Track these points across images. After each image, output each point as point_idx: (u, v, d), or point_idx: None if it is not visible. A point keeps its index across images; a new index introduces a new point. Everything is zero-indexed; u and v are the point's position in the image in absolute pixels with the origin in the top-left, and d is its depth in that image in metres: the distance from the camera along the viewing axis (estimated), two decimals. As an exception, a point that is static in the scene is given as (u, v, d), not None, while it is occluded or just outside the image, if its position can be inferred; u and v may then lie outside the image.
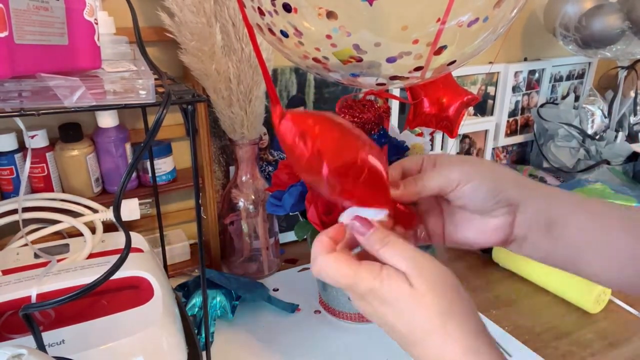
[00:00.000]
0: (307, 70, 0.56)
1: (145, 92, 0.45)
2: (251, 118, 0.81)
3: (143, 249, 0.65)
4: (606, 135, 1.29)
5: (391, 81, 0.54)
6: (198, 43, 0.72)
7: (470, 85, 1.22)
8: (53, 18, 0.43)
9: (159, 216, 0.76)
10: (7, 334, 0.51)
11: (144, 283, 0.59)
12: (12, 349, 0.32)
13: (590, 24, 1.11)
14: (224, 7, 0.73)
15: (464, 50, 0.50)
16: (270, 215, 0.91)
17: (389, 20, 0.44)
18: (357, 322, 0.77)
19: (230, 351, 0.72)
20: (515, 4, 0.47)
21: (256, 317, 0.79)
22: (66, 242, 0.66)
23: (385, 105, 0.65)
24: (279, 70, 0.94)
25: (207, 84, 0.77)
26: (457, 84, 0.75)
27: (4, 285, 0.54)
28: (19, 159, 0.72)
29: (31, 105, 0.41)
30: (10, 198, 0.71)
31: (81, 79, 0.43)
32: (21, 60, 0.40)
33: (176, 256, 0.89)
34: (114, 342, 0.50)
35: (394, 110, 1.09)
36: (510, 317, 0.81)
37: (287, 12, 0.46)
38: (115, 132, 0.76)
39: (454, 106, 0.72)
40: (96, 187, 0.77)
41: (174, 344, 0.54)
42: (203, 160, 0.84)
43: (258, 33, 0.55)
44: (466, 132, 1.25)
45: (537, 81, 1.34)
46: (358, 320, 0.77)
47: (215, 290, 0.78)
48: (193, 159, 0.51)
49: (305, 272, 0.93)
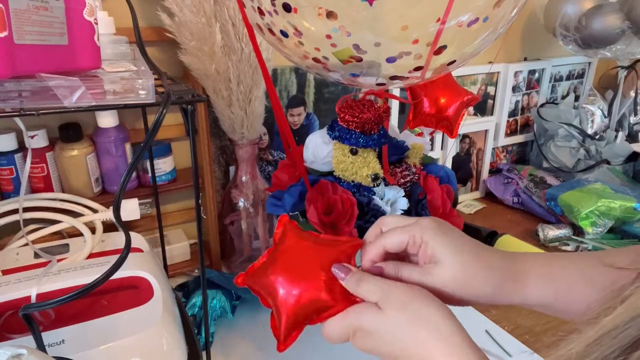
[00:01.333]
0: (307, 70, 0.56)
1: (145, 92, 0.45)
2: (251, 118, 0.81)
3: (143, 249, 0.65)
4: (606, 135, 1.29)
5: (391, 81, 0.54)
6: (198, 43, 0.72)
7: (470, 85, 1.22)
8: (53, 18, 0.43)
9: (159, 216, 0.76)
10: (7, 334, 0.51)
11: (143, 283, 0.59)
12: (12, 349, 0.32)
13: (590, 24, 1.11)
14: (223, 7, 0.73)
15: (464, 50, 0.50)
16: (270, 215, 0.91)
17: (389, 20, 0.44)
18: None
19: (230, 351, 0.72)
20: (515, 4, 0.47)
21: (256, 317, 0.79)
22: (66, 242, 0.66)
23: (385, 105, 0.65)
24: (279, 70, 0.94)
25: (207, 84, 0.77)
26: (457, 84, 0.75)
27: (4, 285, 0.54)
28: (19, 159, 0.72)
29: (31, 105, 0.41)
30: (11, 198, 0.71)
31: (81, 79, 0.42)
32: (21, 60, 0.40)
33: (176, 256, 0.89)
34: (114, 342, 0.50)
35: (394, 110, 1.09)
36: (510, 317, 0.81)
37: (287, 12, 0.46)
38: (115, 132, 0.76)
39: (453, 106, 0.72)
40: (96, 187, 0.77)
41: (174, 344, 0.54)
42: (203, 160, 0.84)
43: (258, 33, 0.55)
44: (466, 132, 1.25)
45: (537, 81, 1.34)
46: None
47: (215, 290, 0.78)
48: (193, 159, 0.51)
49: (305, 272, 0.93)
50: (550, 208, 1.13)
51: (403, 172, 0.68)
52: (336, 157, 0.65)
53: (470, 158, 1.30)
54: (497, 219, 1.19)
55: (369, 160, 0.64)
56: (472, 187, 1.33)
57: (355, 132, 0.63)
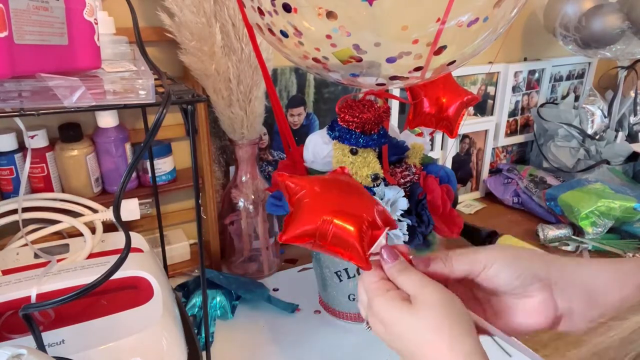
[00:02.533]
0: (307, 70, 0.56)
1: (145, 92, 0.45)
2: (251, 118, 0.81)
3: (143, 249, 0.65)
4: (606, 135, 1.29)
5: (391, 81, 0.54)
6: (198, 43, 0.72)
7: (470, 85, 1.22)
8: (53, 18, 0.43)
9: (159, 216, 0.76)
10: (7, 334, 0.51)
11: (143, 283, 0.59)
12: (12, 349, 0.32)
13: (590, 24, 1.11)
14: (223, 7, 0.73)
15: (464, 50, 0.50)
16: (270, 215, 0.91)
17: (389, 20, 0.44)
18: (357, 322, 0.77)
19: (230, 351, 0.72)
20: (515, 4, 0.47)
21: (256, 317, 0.79)
22: (66, 242, 0.66)
23: (385, 105, 0.65)
24: (279, 70, 0.94)
25: (207, 84, 0.77)
26: (457, 84, 0.75)
27: (4, 285, 0.54)
28: (19, 159, 0.72)
29: (31, 105, 0.41)
30: (10, 198, 0.71)
31: (81, 79, 0.42)
32: (21, 60, 0.40)
33: (176, 256, 0.89)
34: (114, 342, 0.50)
35: (394, 110, 1.09)
36: (510, 317, 0.80)
37: (287, 12, 0.46)
38: (115, 132, 0.76)
39: (453, 106, 0.72)
40: (96, 187, 0.77)
41: (174, 344, 0.54)
42: (203, 160, 0.84)
43: (258, 33, 0.55)
44: (466, 132, 1.25)
45: (537, 81, 1.34)
46: (358, 320, 0.77)
47: (215, 290, 0.78)
48: (193, 159, 0.51)
49: (305, 272, 0.93)
50: (550, 208, 1.13)
51: (403, 172, 0.68)
52: (336, 157, 0.65)
53: (470, 158, 1.30)
54: (497, 219, 1.19)
55: (369, 160, 0.64)
56: (472, 187, 1.33)
57: (355, 132, 0.63)
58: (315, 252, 0.77)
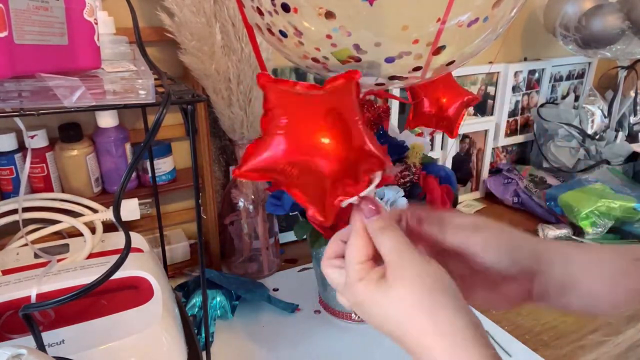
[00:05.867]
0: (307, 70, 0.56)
1: (145, 92, 0.45)
2: (251, 118, 0.81)
3: (143, 249, 0.65)
4: (606, 135, 1.29)
5: (391, 81, 0.54)
6: (198, 43, 0.72)
7: (470, 85, 1.22)
8: (53, 18, 0.43)
9: (159, 216, 0.76)
10: (7, 334, 0.51)
11: (143, 283, 0.59)
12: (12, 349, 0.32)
13: (590, 24, 1.11)
14: (223, 7, 0.73)
15: (464, 50, 0.50)
16: (270, 215, 0.91)
17: (389, 20, 0.44)
18: (357, 322, 0.77)
19: (230, 351, 0.72)
20: (514, 4, 0.47)
21: (256, 317, 0.79)
22: (66, 242, 0.66)
23: (385, 105, 0.65)
24: (279, 70, 0.94)
25: (207, 84, 0.77)
26: (457, 84, 0.75)
27: (4, 285, 0.54)
28: (19, 159, 0.72)
29: (31, 105, 0.41)
30: (10, 198, 0.71)
31: (81, 79, 0.42)
32: (21, 60, 0.40)
33: (176, 256, 0.89)
34: (114, 342, 0.50)
35: (393, 110, 1.09)
36: (510, 317, 0.81)
37: (286, 12, 0.46)
38: (115, 132, 0.76)
39: (454, 106, 0.72)
40: (96, 187, 0.77)
41: (174, 344, 0.54)
42: (203, 160, 0.84)
43: (257, 33, 0.55)
44: (466, 132, 1.25)
45: (537, 81, 1.34)
46: (358, 320, 0.77)
47: (215, 290, 0.78)
48: (193, 159, 0.51)
49: (305, 272, 0.93)
50: (550, 208, 1.13)
51: (403, 172, 0.68)
52: (336, 157, 0.65)
53: (470, 158, 1.30)
54: (497, 219, 1.19)
55: (369, 160, 0.64)
56: (472, 187, 1.33)
57: (355, 132, 0.63)
58: (315, 252, 0.77)
